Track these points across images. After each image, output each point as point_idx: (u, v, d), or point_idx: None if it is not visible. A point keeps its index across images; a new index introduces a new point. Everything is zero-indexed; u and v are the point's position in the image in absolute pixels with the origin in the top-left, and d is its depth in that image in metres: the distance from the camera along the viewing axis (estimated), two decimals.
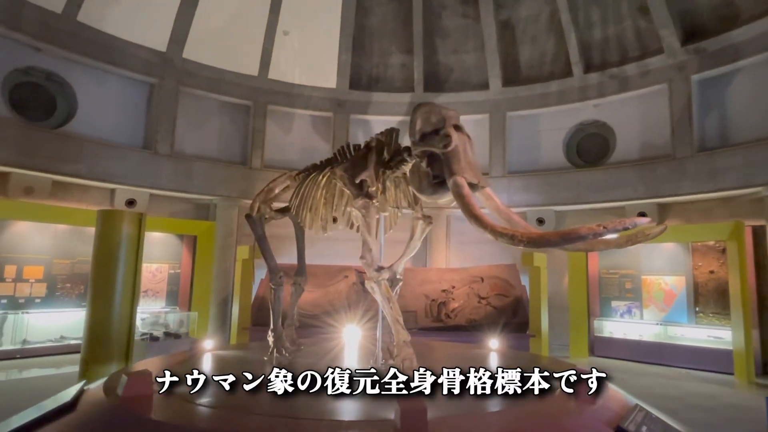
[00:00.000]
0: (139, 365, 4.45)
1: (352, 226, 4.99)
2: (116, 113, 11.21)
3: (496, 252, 12.34)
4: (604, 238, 3.06)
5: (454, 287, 10.90)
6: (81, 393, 3.21)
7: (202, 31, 11.60)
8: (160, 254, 11.61)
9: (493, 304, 10.27)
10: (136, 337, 7.81)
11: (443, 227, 13.01)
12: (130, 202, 11.17)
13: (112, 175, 10.56)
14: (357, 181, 4.15)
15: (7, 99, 10.09)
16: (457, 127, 3.87)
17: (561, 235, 2.69)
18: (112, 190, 10.90)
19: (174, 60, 11.46)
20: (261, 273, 11.98)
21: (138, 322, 10.85)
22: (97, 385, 3.45)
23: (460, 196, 3.26)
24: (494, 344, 5.34)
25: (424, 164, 3.60)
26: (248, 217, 5.59)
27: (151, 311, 11.17)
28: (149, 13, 11.02)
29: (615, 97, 11.83)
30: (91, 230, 7.07)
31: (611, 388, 3.62)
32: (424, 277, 11.20)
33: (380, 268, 3.90)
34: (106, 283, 6.60)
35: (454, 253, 13.09)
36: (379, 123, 13.33)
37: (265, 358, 4.70)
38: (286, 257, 12.41)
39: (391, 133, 4.26)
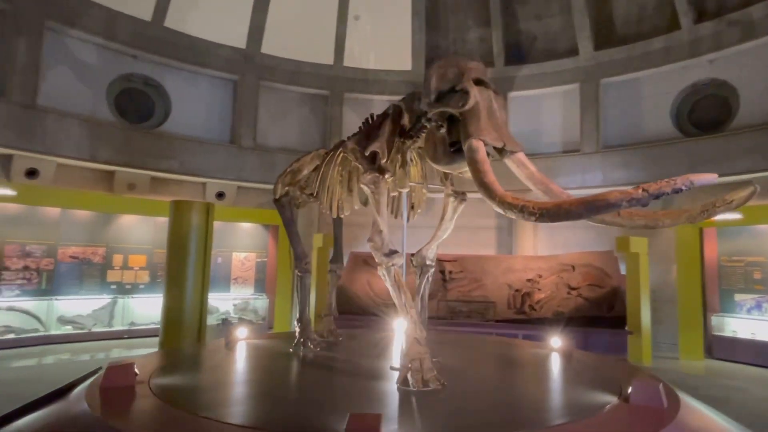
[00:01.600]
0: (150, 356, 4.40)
1: (367, 204, 4.61)
2: (205, 111, 11.90)
3: (591, 238, 11.18)
4: (653, 211, 2.44)
5: (540, 276, 10.05)
6: (80, 380, 3.27)
7: (278, 25, 11.82)
8: (248, 244, 12.21)
9: (585, 295, 9.28)
10: (213, 322, 8.19)
11: None
12: (220, 195, 11.84)
13: (203, 170, 11.23)
14: (367, 154, 3.76)
15: (113, 104, 11.15)
16: (480, 82, 3.34)
17: (584, 203, 2.13)
18: (203, 184, 11.62)
19: (254, 56, 11.85)
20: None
21: (230, 308, 11.67)
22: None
23: (472, 162, 2.79)
24: (556, 343, 4.65)
25: (443, 130, 3.15)
26: (276, 201, 5.32)
27: (242, 297, 11.82)
28: (227, 12, 11.47)
29: (736, 49, 9.93)
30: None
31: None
32: (507, 266, 10.48)
33: (392, 253, 3.49)
34: (178, 271, 6.95)
35: (543, 239, 12.10)
36: None
37: (291, 350, 4.54)
38: (364, 245, 12.41)
39: (413, 97, 3.75)
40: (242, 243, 12.09)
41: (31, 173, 9.64)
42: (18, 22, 9.13)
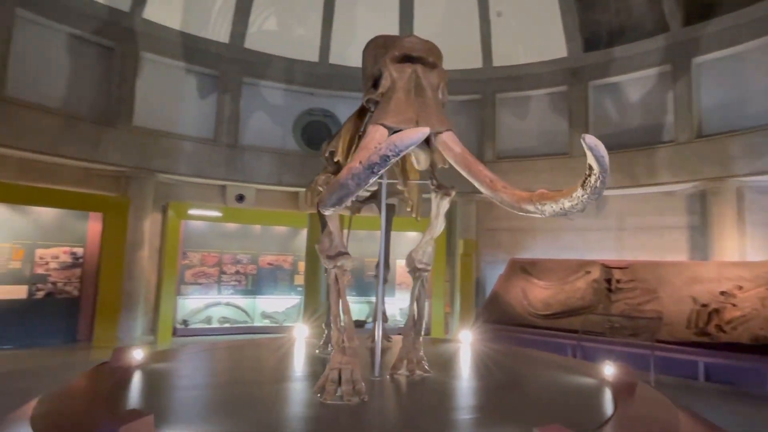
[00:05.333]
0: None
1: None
2: None
3: None
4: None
5: (740, 288, 7.82)
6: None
7: (427, 36, 12.21)
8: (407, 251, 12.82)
9: None
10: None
11: (731, 203, 9.35)
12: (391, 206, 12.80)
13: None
14: (326, 155, 3.73)
15: (299, 136, 13.31)
16: (409, 58, 3.07)
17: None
18: None
19: None
20: (492, 268, 11.64)
21: (396, 312, 12.43)
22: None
23: (361, 148, 2.69)
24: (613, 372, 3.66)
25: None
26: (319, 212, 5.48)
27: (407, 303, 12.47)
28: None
29: None
30: None
31: None
32: (693, 274, 8.46)
33: (338, 255, 3.38)
34: (312, 275, 7.90)
35: (753, 240, 9.23)
36: (628, 83, 10.84)
37: (317, 351, 4.70)
38: (526, 251, 11.60)
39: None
40: (403, 250, 12.78)
41: (240, 198, 12.30)
42: (223, 83, 11.85)
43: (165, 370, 4.02)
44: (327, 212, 2.43)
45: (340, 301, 3.40)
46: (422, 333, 4.07)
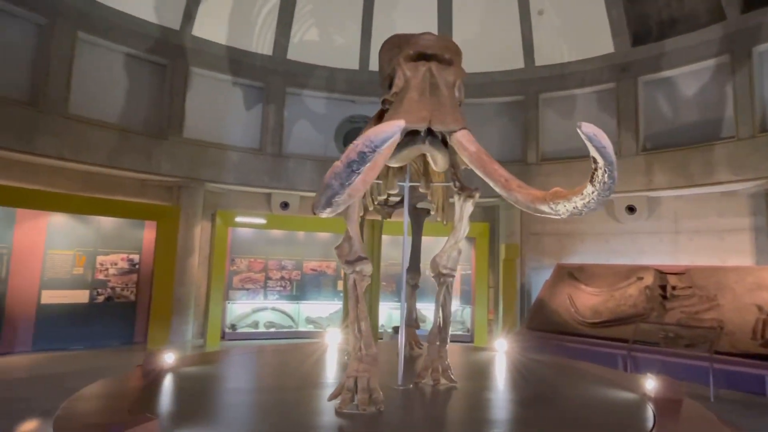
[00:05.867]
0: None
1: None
2: None
3: None
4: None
5: None
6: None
7: (465, 42, 12.08)
8: None
9: None
10: (386, 329, 8.92)
11: None
12: (427, 213, 12.71)
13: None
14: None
15: (341, 143, 13.49)
16: (423, 56, 3.00)
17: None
18: None
19: None
20: (538, 273, 11.27)
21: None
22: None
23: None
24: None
25: None
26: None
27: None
28: None
29: None
30: None
31: None
32: (758, 280, 7.89)
33: (358, 260, 3.32)
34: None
35: None
36: (681, 77, 10.25)
37: (346, 357, 4.67)
38: (573, 256, 11.15)
39: None
40: None
41: (285, 205, 12.59)
42: (268, 94, 12.21)
43: (193, 373, 4.16)
44: (322, 215, 2.41)
45: (358, 307, 3.36)
46: (448, 340, 3.98)
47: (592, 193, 2.26)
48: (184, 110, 11.22)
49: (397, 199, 5.12)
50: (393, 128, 2.11)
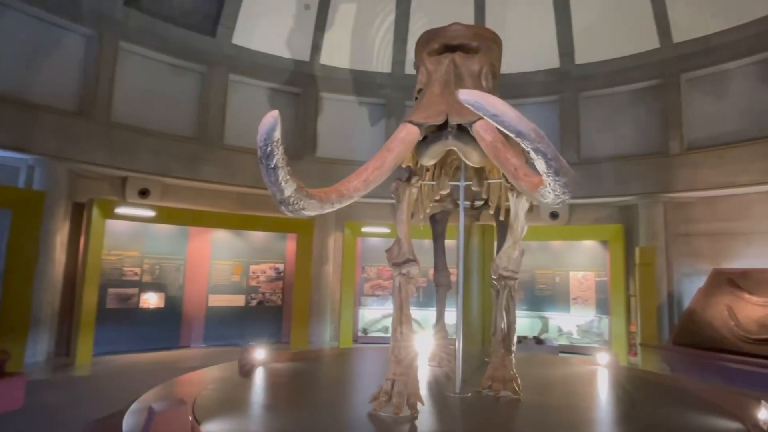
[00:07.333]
0: None
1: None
2: None
3: None
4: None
5: None
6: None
7: (586, 31, 11.27)
8: (585, 262, 11.72)
9: None
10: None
11: None
12: (553, 215, 12.01)
13: None
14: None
15: None
16: (447, 48, 2.91)
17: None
18: (536, 206, 12.13)
19: (569, 70, 11.68)
20: (690, 281, 9.84)
21: (573, 329, 11.48)
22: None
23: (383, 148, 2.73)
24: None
25: None
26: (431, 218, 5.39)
27: (584, 318, 11.41)
28: (535, 38, 11.89)
29: None
30: None
31: None
32: None
33: (405, 262, 3.26)
34: (467, 286, 7.93)
35: None
36: None
37: (429, 364, 4.61)
38: (734, 259, 9.48)
39: None
40: (579, 261, 11.75)
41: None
42: (389, 109, 12.83)
43: (278, 369, 4.65)
44: (288, 214, 2.45)
45: (402, 310, 3.34)
46: (513, 349, 3.76)
47: (547, 177, 2.03)
48: (316, 132, 12.41)
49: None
50: (267, 119, 2.06)
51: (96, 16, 9.50)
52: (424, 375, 4.64)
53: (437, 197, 4.41)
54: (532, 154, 1.99)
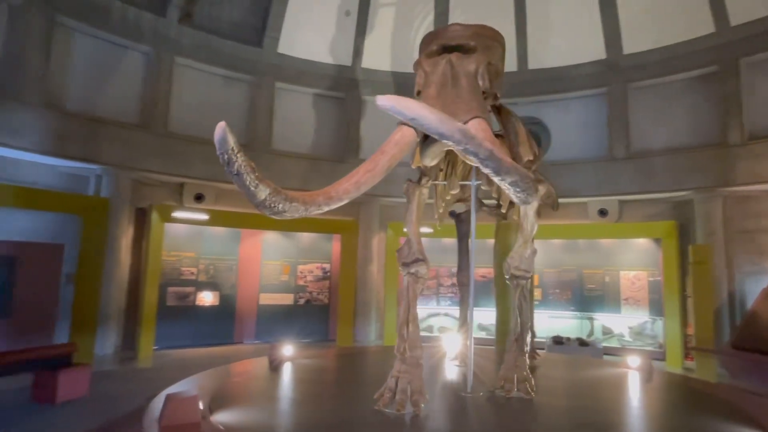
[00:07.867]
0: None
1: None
2: (578, 132, 12.12)
3: None
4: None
5: None
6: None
7: (634, 19, 10.79)
8: (637, 261, 11.19)
9: None
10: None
11: None
12: (602, 212, 11.57)
13: (578, 190, 11.44)
14: (414, 167, 3.71)
15: None
16: (445, 49, 2.92)
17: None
18: (585, 204, 11.72)
19: (616, 62, 11.22)
20: (755, 281, 9.19)
21: (625, 331, 11.00)
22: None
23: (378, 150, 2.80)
24: None
25: None
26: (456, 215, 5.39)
27: (637, 320, 10.92)
28: (581, 34, 11.52)
29: None
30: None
31: None
32: None
33: (414, 261, 3.29)
34: (503, 288, 7.85)
35: None
36: None
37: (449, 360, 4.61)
38: None
39: None
40: (631, 260, 11.24)
41: (453, 214, 13.00)
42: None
43: (305, 364, 4.85)
44: (274, 217, 2.55)
45: (409, 309, 3.37)
46: (525, 349, 3.73)
47: (493, 177, 2.02)
48: (359, 135, 12.68)
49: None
50: (216, 131, 2.15)
51: (153, 35, 10.27)
52: (443, 374, 4.71)
53: (450, 197, 4.45)
54: (462, 156, 2.05)
